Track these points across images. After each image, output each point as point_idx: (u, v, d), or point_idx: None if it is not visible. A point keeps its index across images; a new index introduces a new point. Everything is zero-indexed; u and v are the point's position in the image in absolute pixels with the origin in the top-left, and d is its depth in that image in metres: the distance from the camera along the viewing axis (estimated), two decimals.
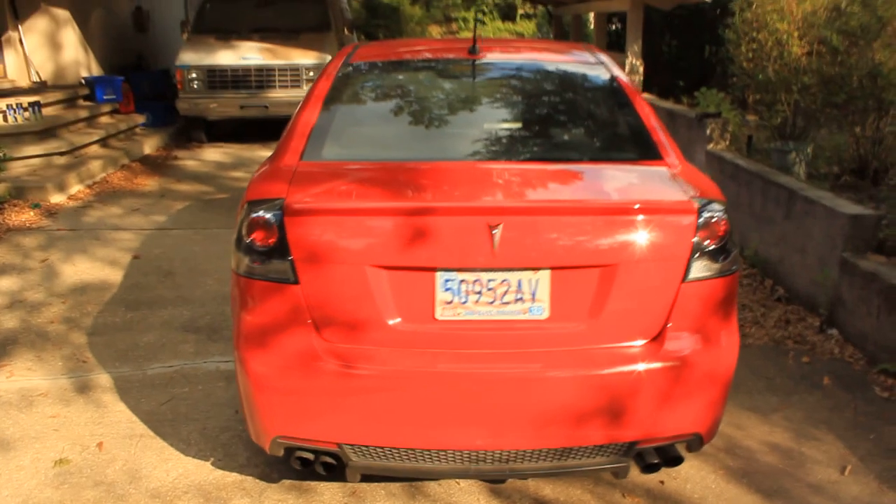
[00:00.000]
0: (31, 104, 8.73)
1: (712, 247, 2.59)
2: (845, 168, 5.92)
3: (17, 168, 8.03)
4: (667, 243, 2.54)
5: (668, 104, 8.58)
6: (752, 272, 5.44)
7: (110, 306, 4.95)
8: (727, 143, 6.70)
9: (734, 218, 5.99)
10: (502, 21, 28.66)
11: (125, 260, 5.85)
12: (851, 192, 5.49)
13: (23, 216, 6.91)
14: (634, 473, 3.05)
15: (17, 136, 8.32)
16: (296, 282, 2.54)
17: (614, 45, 13.43)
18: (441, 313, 2.54)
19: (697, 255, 2.56)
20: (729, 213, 2.66)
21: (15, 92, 9.48)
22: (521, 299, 2.53)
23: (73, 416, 3.63)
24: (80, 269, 5.64)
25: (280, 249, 2.55)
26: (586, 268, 2.53)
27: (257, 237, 2.58)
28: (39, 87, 10.27)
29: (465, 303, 2.53)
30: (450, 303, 2.53)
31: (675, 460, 2.69)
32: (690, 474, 3.14)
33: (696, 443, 2.69)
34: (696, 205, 2.59)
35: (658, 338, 2.57)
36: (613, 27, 14.79)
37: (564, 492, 3.03)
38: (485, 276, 2.53)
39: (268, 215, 2.58)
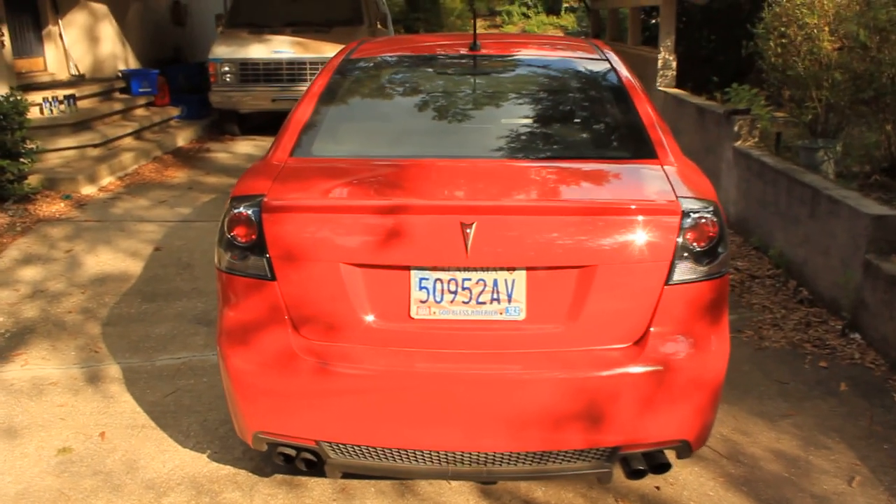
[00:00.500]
0: (67, 97, 8.91)
1: (699, 249, 2.51)
2: (876, 167, 5.73)
3: (51, 160, 8.20)
4: (649, 245, 2.47)
5: (698, 100, 8.42)
6: (776, 273, 5.30)
7: (127, 297, 5.02)
8: (755, 140, 6.54)
9: (761, 217, 5.86)
10: (546, 15, 28.44)
11: (147, 251, 5.92)
12: (882, 191, 5.31)
13: (53, 207, 7.05)
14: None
15: (53, 128, 8.49)
16: (273, 278, 2.54)
17: (652, 40, 13.22)
18: (416, 312, 2.51)
19: (682, 257, 2.49)
20: (719, 215, 2.57)
21: (54, 85, 9.68)
22: (496, 299, 2.49)
23: (80, 406, 3.68)
24: (102, 261, 5.73)
25: (258, 246, 2.55)
26: (564, 268, 2.48)
27: (238, 233, 2.58)
28: (77, 80, 10.46)
29: (440, 302, 2.50)
30: (425, 302, 2.50)
31: (663, 467, 2.63)
32: (688, 480, 3.06)
33: (684, 450, 2.61)
34: (681, 205, 2.52)
35: (640, 342, 2.50)
36: (654, 21, 14.56)
37: (556, 495, 2.98)
38: (460, 275, 2.49)
39: (248, 212, 2.58)
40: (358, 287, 2.50)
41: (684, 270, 2.49)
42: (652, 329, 2.49)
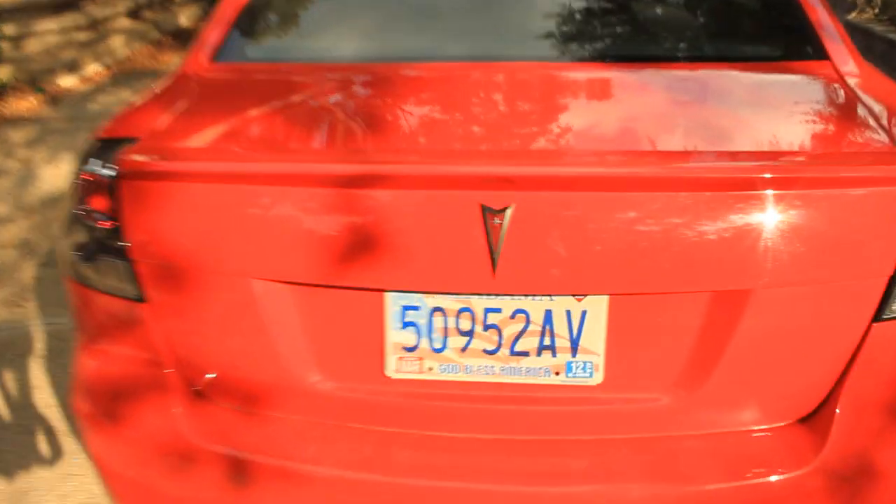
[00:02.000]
0: None
1: None
2: None
3: (29, 46, 7.11)
4: (849, 244, 1.31)
5: None
6: None
7: None
8: (875, 10, 5.14)
9: None
10: None
11: None
12: None
13: (23, 104, 6.05)
14: None
15: (30, 9, 7.35)
16: (140, 299, 1.46)
17: None
18: (396, 368, 1.42)
19: None
20: None
21: None
22: (549, 348, 1.38)
23: None
24: (62, 173, 4.72)
25: (116, 237, 1.46)
26: (682, 294, 1.35)
27: (89, 209, 1.48)
28: None
29: (440, 350, 1.40)
30: (412, 350, 1.41)
31: None
32: None
33: None
34: None
35: (815, 418, 1.39)
36: None
37: None
38: (479, 303, 1.38)
39: (102, 173, 1.47)
40: (289, 321, 1.41)
41: None
42: (839, 402, 1.36)
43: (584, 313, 1.37)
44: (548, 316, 1.37)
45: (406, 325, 1.39)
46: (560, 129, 1.56)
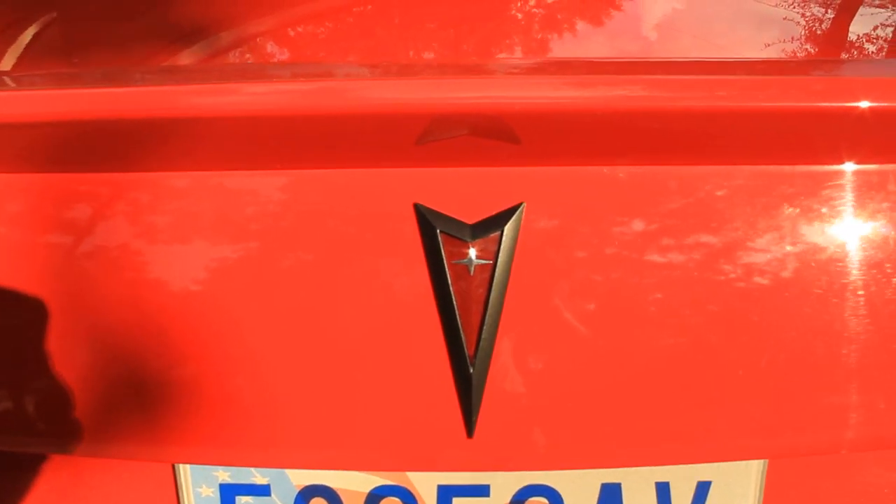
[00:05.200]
0: None
1: None
2: None
3: None
4: None
5: None
6: None
7: None
8: None
9: None
10: None
11: None
12: None
13: None
14: None
15: None
16: None
17: None
18: None
19: None
20: None
21: None
22: None
23: None
24: None
25: None
26: None
27: None
28: None
29: None
30: None
31: None
32: None
33: None
34: None
35: None
36: None
37: None
38: (429, 476, 0.57)
39: None
40: None
41: None
42: None
43: (702, 491, 0.59)
44: (609, 497, 0.60)
45: None
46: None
